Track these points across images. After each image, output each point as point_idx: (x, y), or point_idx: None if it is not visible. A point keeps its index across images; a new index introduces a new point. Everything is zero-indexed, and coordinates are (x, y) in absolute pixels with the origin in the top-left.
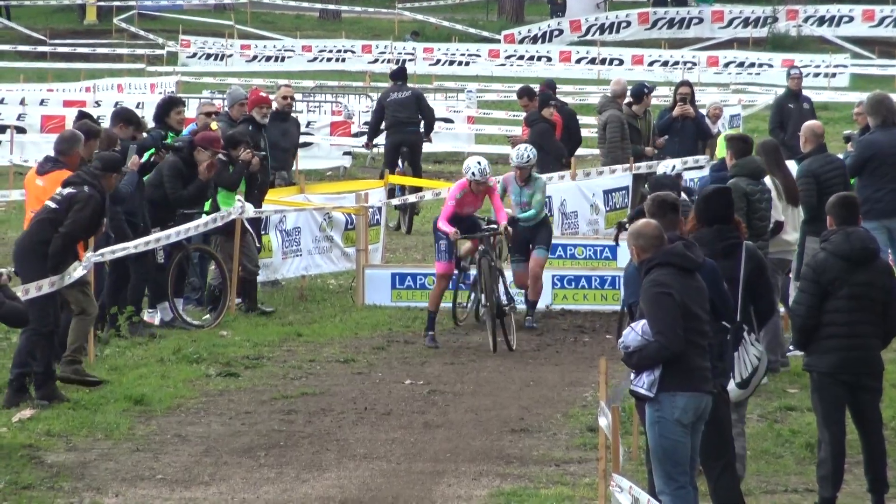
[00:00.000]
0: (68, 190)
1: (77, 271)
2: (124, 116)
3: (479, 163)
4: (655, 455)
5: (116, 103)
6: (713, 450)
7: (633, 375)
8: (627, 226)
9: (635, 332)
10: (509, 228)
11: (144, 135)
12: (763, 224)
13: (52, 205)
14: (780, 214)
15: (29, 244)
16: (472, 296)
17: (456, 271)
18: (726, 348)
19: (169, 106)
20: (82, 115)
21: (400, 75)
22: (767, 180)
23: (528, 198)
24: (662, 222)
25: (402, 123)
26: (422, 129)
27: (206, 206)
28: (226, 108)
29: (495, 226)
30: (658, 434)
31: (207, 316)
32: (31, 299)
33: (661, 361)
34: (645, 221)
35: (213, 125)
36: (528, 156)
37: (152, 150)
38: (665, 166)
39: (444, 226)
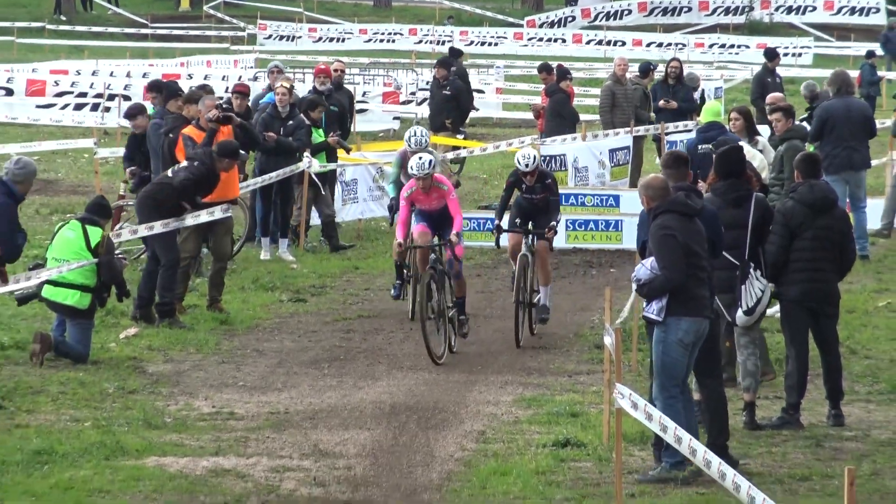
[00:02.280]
0: (185, 164)
1: (203, 216)
2: (153, 86)
3: (419, 158)
4: (656, 368)
5: (206, 76)
6: (705, 367)
7: (644, 304)
8: None
9: (645, 268)
10: (453, 239)
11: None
12: None
13: (170, 173)
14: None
15: (144, 198)
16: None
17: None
18: (735, 282)
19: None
20: (166, 85)
21: (453, 54)
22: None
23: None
24: (674, 173)
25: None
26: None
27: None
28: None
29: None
30: (661, 352)
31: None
32: (155, 239)
33: (667, 291)
34: (654, 175)
35: (284, 83)
36: (425, 139)
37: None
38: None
39: (398, 230)
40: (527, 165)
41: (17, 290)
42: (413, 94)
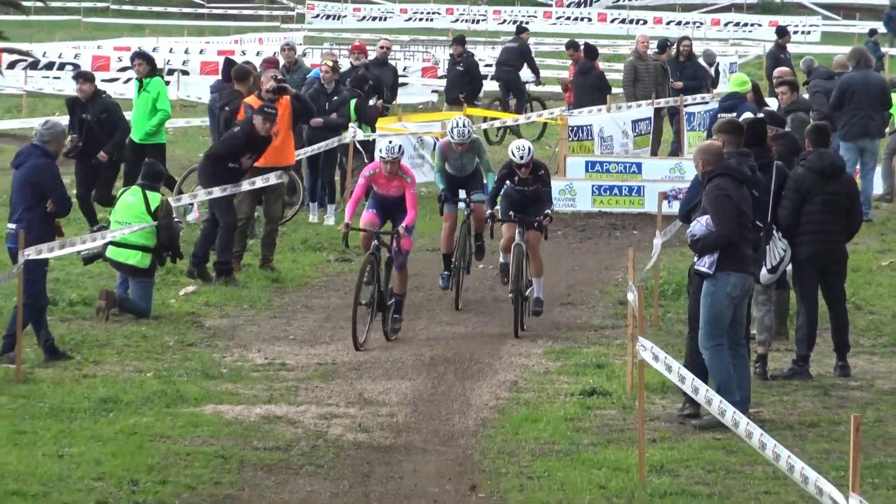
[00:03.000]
0: (231, 131)
1: (258, 182)
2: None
3: (389, 142)
4: (704, 319)
5: (258, 53)
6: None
7: (696, 258)
8: None
9: (701, 225)
10: (401, 230)
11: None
12: None
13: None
14: None
15: (202, 166)
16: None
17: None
18: (760, 243)
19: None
20: (228, 62)
21: (519, 31)
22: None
23: (469, 160)
24: (731, 139)
25: (501, 64)
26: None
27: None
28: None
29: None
30: (710, 303)
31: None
32: (214, 203)
33: (719, 247)
34: (710, 142)
35: (328, 61)
36: (468, 129)
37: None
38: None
39: (347, 209)
40: (521, 157)
41: (83, 250)
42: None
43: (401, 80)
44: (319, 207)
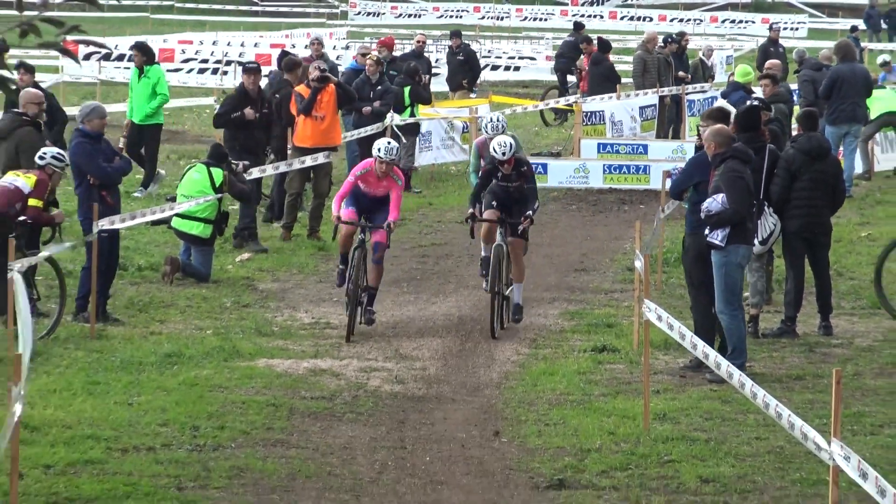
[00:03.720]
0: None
1: (308, 161)
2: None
3: (388, 142)
4: (720, 287)
5: (305, 46)
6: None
7: (708, 230)
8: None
9: (717, 202)
10: (391, 225)
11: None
12: None
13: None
14: None
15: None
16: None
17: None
18: (753, 217)
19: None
20: (284, 54)
21: (576, 27)
22: None
23: None
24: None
25: (559, 56)
26: None
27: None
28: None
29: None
30: (725, 273)
31: None
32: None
33: (733, 223)
34: (721, 126)
35: (372, 56)
36: (502, 125)
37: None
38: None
39: (335, 204)
40: (503, 154)
41: (152, 220)
42: (483, 58)
43: (434, 70)
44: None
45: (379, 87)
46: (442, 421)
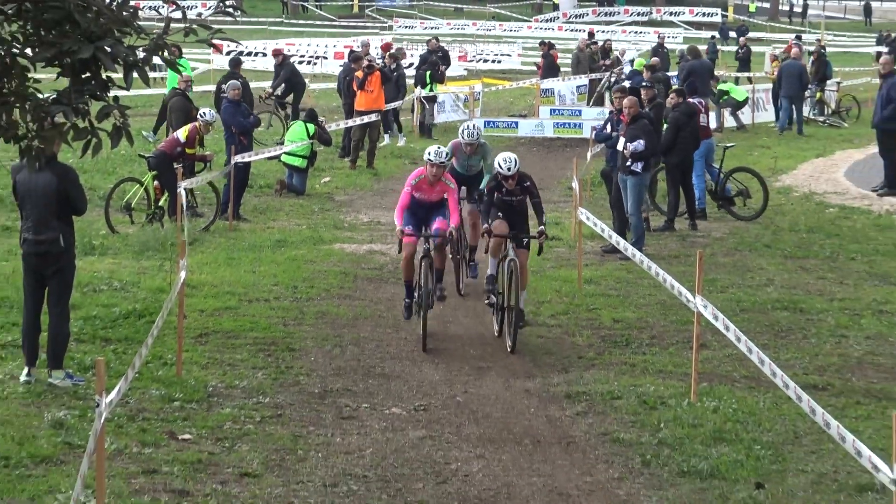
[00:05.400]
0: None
1: (364, 119)
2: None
3: (437, 147)
4: (633, 199)
5: (351, 49)
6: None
7: (629, 162)
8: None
9: (640, 145)
10: (454, 233)
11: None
12: None
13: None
14: None
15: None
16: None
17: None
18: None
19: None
20: (351, 52)
21: (590, 36)
22: None
23: (475, 162)
24: (631, 97)
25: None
26: None
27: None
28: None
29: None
30: (639, 191)
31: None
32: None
33: (646, 159)
34: (633, 98)
35: (388, 55)
36: (477, 132)
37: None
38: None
39: (397, 216)
40: (509, 169)
41: (268, 156)
42: (477, 55)
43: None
44: (392, 136)
45: (395, 74)
46: (449, 284)
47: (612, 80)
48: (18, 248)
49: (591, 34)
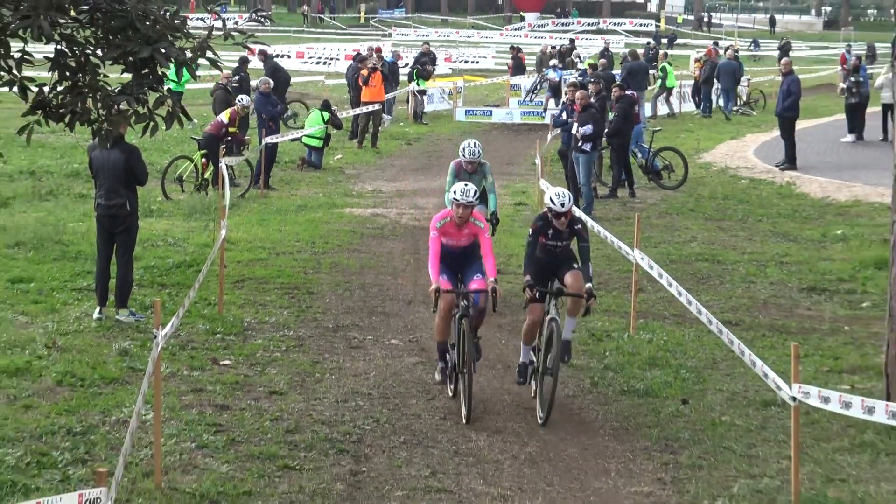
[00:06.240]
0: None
1: (367, 108)
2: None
3: (465, 185)
4: (584, 173)
5: (366, 49)
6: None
7: (581, 143)
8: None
9: (589, 128)
10: (497, 287)
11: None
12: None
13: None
14: None
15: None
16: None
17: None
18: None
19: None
20: (358, 54)
21: (570, 46)
22: None
23: (476, 182)
24: (582, 90)
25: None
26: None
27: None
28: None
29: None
30: (588, 167)
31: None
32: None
33: (594, 140)
34: (583, 91)
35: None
36: (478, 150)
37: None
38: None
39: (432, 271)
40: (562, 205)
41: (292, 138)
42: (459, 57)
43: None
44: (387, 116)
45: (385, 68)
46: None
47: (540, 81)
48: (93, 211)
49: (572, 42)
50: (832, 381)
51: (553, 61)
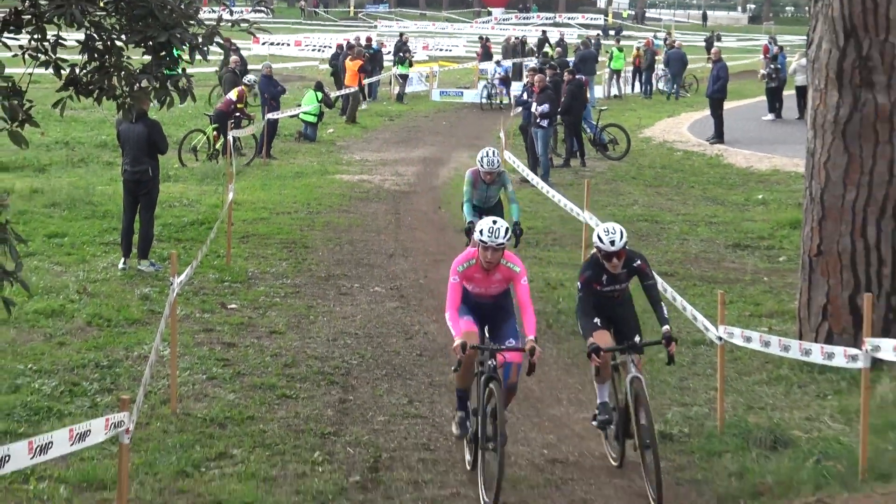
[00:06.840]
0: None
1: (346, 91)
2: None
3: (493, 221)
4: (542, 147)
5: (356, 38)
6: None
7: (539, 120)
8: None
9: (545, 107)
10: (537, 347)
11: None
12: None
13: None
14: None
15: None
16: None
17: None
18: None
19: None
20: (347, 43)
21: (544, 37)
22: None
23: (494, 192)
24: (541, 74)
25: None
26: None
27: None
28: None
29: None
30: (546, 140)
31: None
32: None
33: (550, 117)
34: (542, 75)
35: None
36: (497, 159)
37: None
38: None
39: (451, 324)
40: (612, 242)
41: (290, 114)
42: (435, 46)
43: (413, 52)
44: (365, 100)
45: (375, 55)
46: (415, 202)
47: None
48: (119, 176)
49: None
50: (753, 323)
51: (497, 57)
